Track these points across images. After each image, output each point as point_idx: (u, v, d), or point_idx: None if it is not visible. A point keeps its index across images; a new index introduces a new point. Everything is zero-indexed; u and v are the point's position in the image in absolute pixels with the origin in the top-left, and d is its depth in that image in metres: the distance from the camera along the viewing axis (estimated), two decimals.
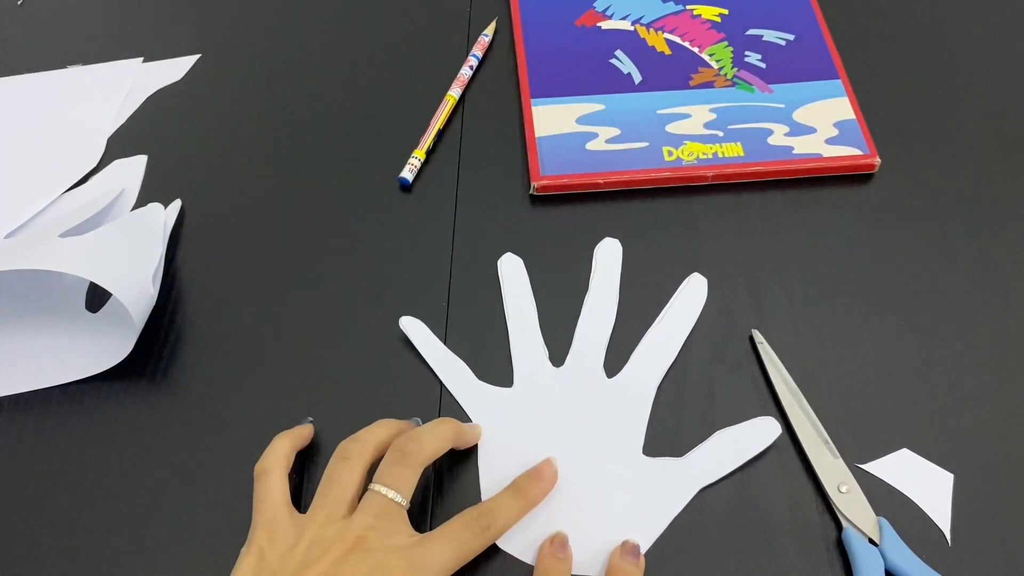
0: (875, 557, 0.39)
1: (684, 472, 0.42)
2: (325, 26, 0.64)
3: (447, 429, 0.41)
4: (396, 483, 0.38)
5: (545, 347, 0.47)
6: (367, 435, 0.40)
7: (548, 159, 0.53)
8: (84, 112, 0.60)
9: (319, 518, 0.37)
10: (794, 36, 0.60)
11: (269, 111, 0.59)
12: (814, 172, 0.53)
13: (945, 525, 0.41)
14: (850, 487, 0.41)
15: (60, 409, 0.46)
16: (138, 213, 0.52)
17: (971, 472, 0.42)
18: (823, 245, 0.51)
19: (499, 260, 0.50)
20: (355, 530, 0.36)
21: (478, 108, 0.58)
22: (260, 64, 0.62)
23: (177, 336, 0.48)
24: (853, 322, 0.48)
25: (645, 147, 0.54)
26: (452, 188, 0.54)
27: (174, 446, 0.45)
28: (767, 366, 0.45)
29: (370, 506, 0.37)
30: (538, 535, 0.40)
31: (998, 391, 0.45)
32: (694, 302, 0.48)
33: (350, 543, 0.36)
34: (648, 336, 0.47)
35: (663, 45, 0.60)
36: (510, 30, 0.62)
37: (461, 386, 0.45)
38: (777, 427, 0.43)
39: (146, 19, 0.67)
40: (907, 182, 0.53)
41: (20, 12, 0.68)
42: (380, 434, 0.41)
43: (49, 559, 0.41)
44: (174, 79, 0.62)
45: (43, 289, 0.50)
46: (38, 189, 0.55)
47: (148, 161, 0.57)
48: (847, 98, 0.56)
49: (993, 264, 0.50)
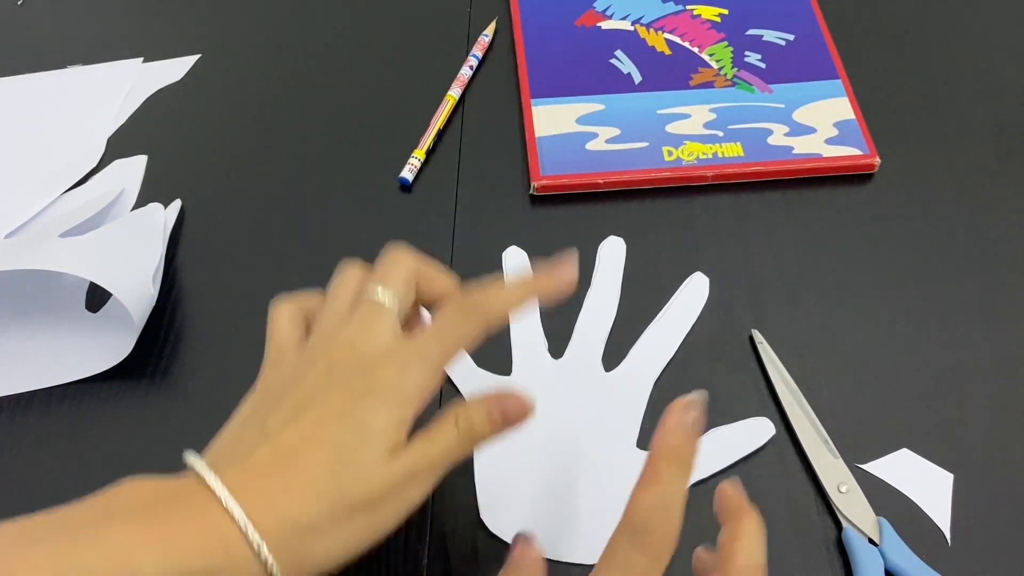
0: (875, 557, 0.39)
1: None
2: (325, 26, 0.64)
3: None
4: (388, 284, 0.35)
5: (545, 339, 0.47)
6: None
7: (548, 159, 0.53)
8: (84, 112, 0.60)
9: (316, 335, 0.35)
10: (794, 36, 0.60)
11: (269, 111, 0.59)
12: (814, 172, 0.53)
13: (945, 525, 0.41)
14: (850, 487, 0.41)
15: (60, 409, 0.46)
16: (138, 213, 0.52)
17: (971, 472, 0.42)
18: (823, 245, 0.51)
19: (504, 252, 0.51)
20: (344, 332, 0.34)
21: (478, 108, 0.58)
22: (260, 64, 0.62)
23: (177, 336, 0.48)
24: (853, 322, 0.48)
25: (645, 147, 0.54)
26: (452, 188, 0.54)
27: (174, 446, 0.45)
28: (767, 366, 0.45)
29: (361, 309, 0.35)
30: (530, 521, 0.41)
31: (998, 391, 0.45)
32: (695, 301, 0.48)
33: (336, 343, 0.34)
34: (647, 332, 0.47)
35: (663, 45, 0.60)
36: (510, 30, 0.62)
37: (460, 372, 0.46)
38: (771, 427, 0.43)
39: (146, 19, 0.67)
40: (907, 182, 0.53)
41: (20, 12, 0.68)
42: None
43: None
44: (174, 79, 0.62)
45: (43, 289, 0.50)
46: (38, 189, 0.55)
47: (148, 161, 0.57)
48: (847, 98, 0.56)
49: (993, 264, 0.50)
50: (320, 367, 0.33)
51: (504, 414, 0.34)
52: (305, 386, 0.33)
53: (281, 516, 0.30)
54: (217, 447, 0.33)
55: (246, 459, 0.31)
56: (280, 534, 0.29)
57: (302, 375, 0.33)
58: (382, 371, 0.33)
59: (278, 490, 0.30)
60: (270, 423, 0.32)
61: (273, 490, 0.30)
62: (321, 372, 0.33)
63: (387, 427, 0.32)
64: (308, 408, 0.32)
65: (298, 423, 0.32)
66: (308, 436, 0.31)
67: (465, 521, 0.41)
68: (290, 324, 0.36)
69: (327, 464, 0.31)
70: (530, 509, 0.41)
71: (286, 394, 0.33)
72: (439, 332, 0.34)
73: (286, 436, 0.31)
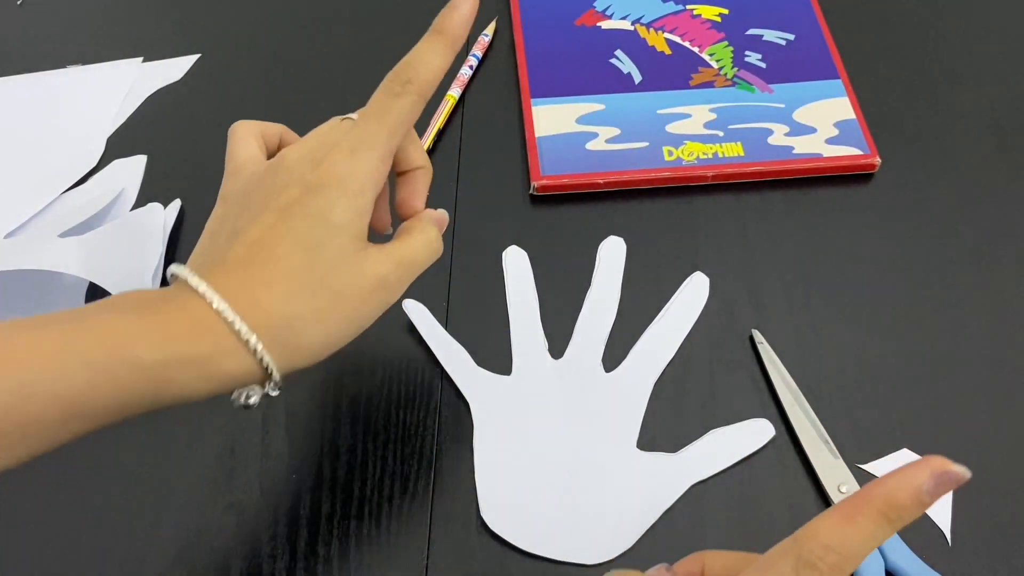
0: (875, 557, 0.39)
1: (676, 468, 0.43)
2: (324, 26, 0.64)
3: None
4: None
5: (545, 339, 0.47)
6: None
7: (548, 159, 0.53)
8: (84, 112, 0.60)
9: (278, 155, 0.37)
10: (794, 36, 0.60)
11: (269, 111, 0.59)
12: (814, 172, 0.53)
13: (945, 525, 0.41)
14: (850, 487, 0.41)
15: None
16: (138, 213, 0.52)
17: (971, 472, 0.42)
18: (823, 245, 0.51)
19: (504, 252, 0.51)
20: (300, 143, 0.36)
21: (478, 108, 0.58)
22: (260, 64, 0.62)
23: None
24: (853, 322, 0.48)
25: (645, 147, 0.54)
26: (452, 188, 0.54)
27: (173, 445, 0.45)
28: (767, 366, 0.45)
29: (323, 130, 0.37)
30: (530, 520, 0.41)
31: (998, 391, 0.45)
32: (695, 301, 0.48)
33: (289, 149, 0.36)
34: (648, 333, 0.47)
35: (663, 45, 0.60)
36: (510, 30, 0.62)
37: (461, 371, 0.46)
38: (771, 429, 0.43)
39: (146, 19, 0.67)
40: (907, 182, 0.53)
41: (20, 12, 0.68)
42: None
43: (49, 559, 0.41)
44: (174, 79, 0.62)
45: (43, 289, 0.50)
46: (38, 189, 0.55)
47: (148, 161, 0.57)
48: (847, 98, 0.56)
49: (993, 264, 0.50)
50: (276, 169, 0.35)
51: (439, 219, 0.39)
52: (263, 188, 0.34)
53: (266, 309, 0.31)
54: (194, 257, 0.35)
55: (223, 261, 0.33)
56: (268, 327, 0.31)
57: (259, 180, 0.35)
58: (330, 163, 0.34)
59: (259, 285, 0.32)
60: (239, 225, 0.33)
61: (255, 285, 0.32)
62: (277, 173, 0.35)
63: (347, 217, 0.33)
64: (268, 207, 0.33)
65: (264, 220, 0.33)
66: (275, 231, 0.33)
67: (465, 521, 0.41)
68: (248, 140, 0.39)
69: (301, 256, 0.32)
70: (530, 509, 0.41)
71: (248, 199, 0.34)
72: (377, 114, 0.35)
73: (254, 232, 0.33)
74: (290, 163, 0.35)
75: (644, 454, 0.43)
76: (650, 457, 0.43)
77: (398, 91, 0.36)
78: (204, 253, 0.34)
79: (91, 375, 0.28)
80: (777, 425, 0.44)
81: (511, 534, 0.41)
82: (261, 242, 0.33)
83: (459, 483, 0.42)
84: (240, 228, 0.33)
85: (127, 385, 0.29)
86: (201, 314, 0.31)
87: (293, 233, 0.33)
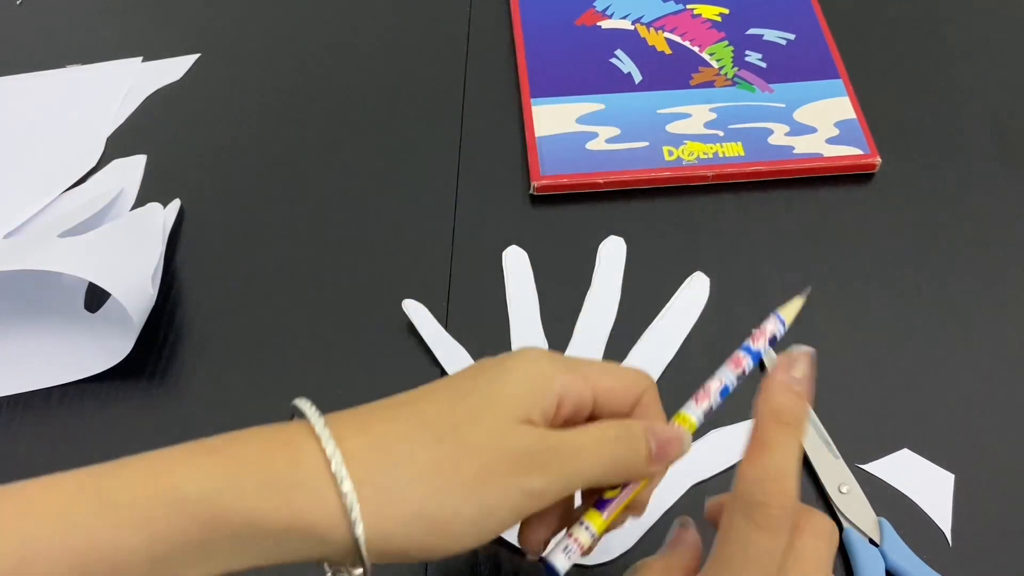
0: (875, 557, 0.39)
1: (676, 468, 0.42)
2: (324, 26, 0.64)
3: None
4: None
5: (545, 339, 0.47)
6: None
7: (548, 159, 0.53)
8: (83, 112, 0.60)
9: None
10: (794, 36, 0.60)
11: (269, 111, 0.59)
12: (814, 172, 0.53)
13: (945, 525, 0.41)
14: (850, 487, 0.41)
15: (60, 409, 0.46)
16: (137, 213, 0.52)
17: (971, 472, 0.42)
18: (823, 245, 0.51)
19: (504, 252, 0.51)
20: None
21: (478, 108, 0.58)
22: (260, 64, 0.62)
23: (177, 336, 0.48)
24: (853, 321, 0.47)
25: (645, 147, 0.54)
26: (452, 188, 0.54)
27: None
28: (767, 366, 0.45)
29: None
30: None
31: (998, 391, 0.45)
32: (695, 301, 0.48)
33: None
34: (648, 333, 0.47)
35: (663, 45, 0.60)
36: (510, 30, 0.62)
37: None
38: None
39: (146, 19, 0.67)
40: (907, 182, 0.53)
41: (20, 12, 0.68)
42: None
43: None
44: (174, 79, 0.62)
45: (43, 289, 0.50)
46: (37, 189, 0.55)
47: (147, 161, 0.57)
48: (847, 98, 0.56)
49: (993, 264, 0.50)
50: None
51: (659, 448, 0.31)
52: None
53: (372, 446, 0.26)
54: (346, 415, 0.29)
55: (362, 412, 0.28)
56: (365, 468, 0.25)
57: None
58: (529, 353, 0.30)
59: (378, 420, 0.27)
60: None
61: (374, 420, 0.27)
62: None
63: (522, 390, 0.28)
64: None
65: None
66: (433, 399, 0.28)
67: None
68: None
69: (447, 402, 0.28)
70: None
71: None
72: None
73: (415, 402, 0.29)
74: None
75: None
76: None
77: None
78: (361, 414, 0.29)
79: (115, 518, 0.23)
80: None
81: (511, 534, 0.41)
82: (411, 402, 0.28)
83: None
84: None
85: (164, 528, 0.23)
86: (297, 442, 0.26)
87: (450, 394, 0.29)
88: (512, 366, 0.29)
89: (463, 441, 0.26)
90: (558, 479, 0.28)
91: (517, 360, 0.29)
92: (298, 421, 0.28)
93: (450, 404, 0.28)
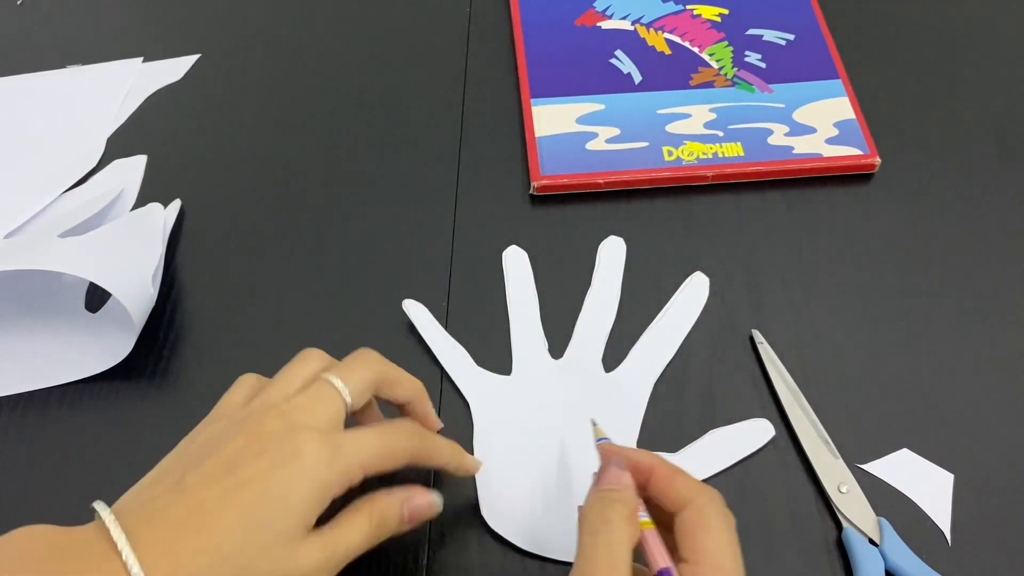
0: (875, 557, 0.39)
1: None
2: (324, 26, 0.64)
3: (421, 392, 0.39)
4: (346, 376, 0.36)
5: (545, 339, 0.47)
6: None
7: (548, 159, 0.53)
8: (84, 112, 0.60)
9: (255, 402, 0.35)
10: (794, 36, 0.60)
11: (269, 111, 0.59)
12: (814, 172, 0.53)
13: (945, 525, 0.41)
14: (850, 487, 0.41)
15: (60, 409, 0.46)
16: (138, 213, 0.52)
17: (971, 472, 0.42)
18: (823, 245, 0.51)
19: (504, 252, 0.51)
20: (283, 406, 0.34)
21: (478, 108, 0.58)
22: (260, 64, 0.62)
23: (177, 336, 0.48)
24: (853, 322, 0.48)
25: (645, 147, 0.54)
26: (452, 188, 0.54)
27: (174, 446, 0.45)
28: (767, 366, 0.45)
29: (308, 390, 0.35)
30: (530, 520, 0.41)
31: (998, 391, 0.45)
32: (695, 301, 0.48)
33: (272, 416, 0.33)
34: (647, 333, 0.47)
35: (663, 45, 0.60)
36: (510, 30, 0.62)
37: (461, 371, 0.46)
38: (771, 429, 0.43)
39: (146, 19, 0.67)
40: (907, 182, 0.53)
41: (20, 12, 0.68)
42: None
43: None
44: (174, 79, 0.62)
45: (43, 289, 0.50)
46: (38, 189, 0.55)
47: (148, 161, 0.57)
48: (847, 98, 0.56)
49: (993, 264, 0.50)
50: (251, 428, 0.33)
51: (412, 513, 0.36)
52: (232, 447, 0.32)
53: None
54: (129, 497, 0.32)
55: (157, 513, 0.30)
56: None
57: (231, 435, 0.33)
58: (312, 446, 0.32)
59: (186, 551, 0.29)
60: (188, 479, 0.31)
61: (181, 550, 0.29)
62: (251, 434, 0.32)
63: (306, 503, 0.31)
64: (231, 471, 0.31)
65: (219, 483, 0.31)
66: (225, 499, 0.30)
67: (465, 521, 0.41)
68: (241, 389, 0.37)
69: (240, 532, 0.30)
70: (531, 508, 0.41)
71: (212, 451, 0.32)
72: (382, 433, 0.35)
73: (203, 495, 0.30)
74: (269, 427, 0.33)
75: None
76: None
77: (413, 437, 0.36)
78: (142, 497, 0.31)
79: None
80: (777, 425, 0.44)
81: (511, 534, 0.41)
82: (207, 509, 0.30)
83: (459, 483, 0.42)
84: (190, 485, 0.31)
85: None
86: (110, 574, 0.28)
87: (244, 505, 0.30)
88: (293, 475, 0.32)
89: (257, 572, 0.30)
90: (335, 570, 0.33)
91: (296, 468, 0.32)
92: (96, 527, 0.30)
93: (242, 527, 0.30)
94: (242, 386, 0.37)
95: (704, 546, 0.30)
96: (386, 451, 0.35)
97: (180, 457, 0.33)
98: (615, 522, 0.31)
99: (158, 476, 0.32)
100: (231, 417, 0.34)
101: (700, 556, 0.30)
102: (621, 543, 0.30)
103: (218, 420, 0.35)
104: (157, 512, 0.30)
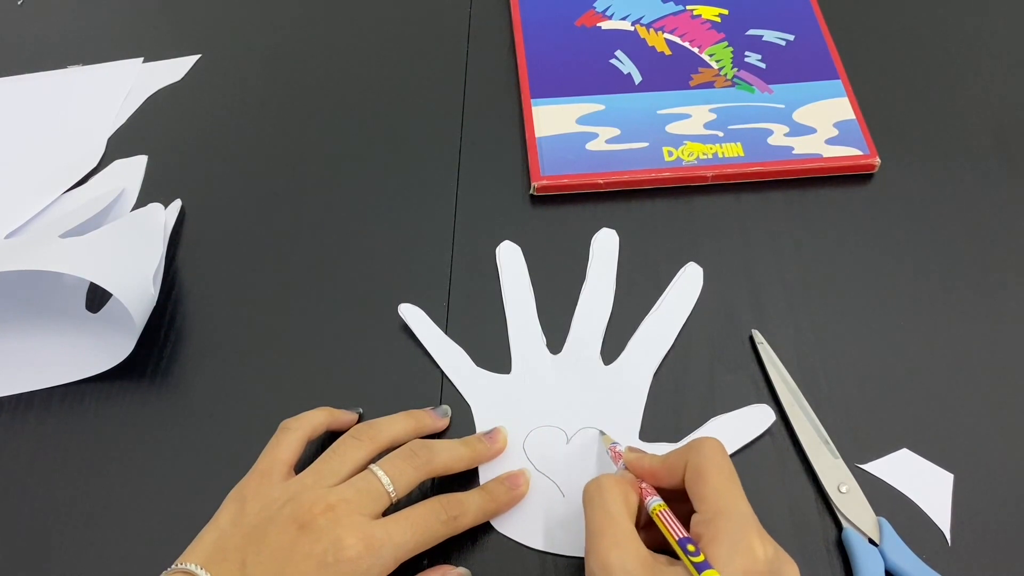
0: (875, 557, 0.39)
1: None
2: (324, 27, 0.64)
3: (464, 453, 0.41)
4: (394, 474, 0.38)
5: (543, 335, 0.47)
6: (385, 425, 0.41)
7: (548, 159, 0.53)
8: (84, 112, 0.60)
9: (308, 481, 0.37)
10: (794, 36, 0.60)
11: (269, 111, 0.59)
12: (814, 172, 0.53)
13: (945, 525, 0.41)
14: (850, 487, 0.41)
15: (60, 409, 0.46)
16: (138, 213, 0.52)
17: (971, 472, 0.42)
18: (823, 245, 0.51)
19: (498, 248, 0.51)
20: (332, 498, 0.36)
21: (478, 108, 0.58)
22: (260, 64, 0.62)
23: (177, 336, 0.48)
24: (853, 322, 0.48)
25: (645, 147, 0.54)
26: (452, 188, 0.54)
27: (174, 446, 0.45)
28: (767, 366, 0.45)
29: (357, 481, 0.37)
30: (533, 516, 0.41)
31: (998, 391, 0.45)
32: (690, 290, 0.49)
33: (320, 509, 0.36)
34: (644, 324, 0.47)
35: (663, 45, 0.60)
36: (510, 30, 0.62)
37: (460, 372, 0.46)
38: (771, 414, 0.44)
39: (146, 19, 0.67)
40: (907, 182, 0.53)
41: (20, 12, 0.68)
42: (397, 429, 0.41)
43: (50, 559, 0.41)
44: (174, 79, 0.62)
45: (43, 289, 0.50)
46: (38, 189, 0.55)
47: (148, 161, 0.57)
48: (847, 98, 0.56)
49: (993, 264, 0.50)
50: (303, 521, 0.35)
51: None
52: (286, 539, 0.35)
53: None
54: (202, 548, 0.36)
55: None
56: None
57: (284, 525, 0.35)
58: (354, 551, 0.35)
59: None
60: (250, 570, 0.34)
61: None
62: (303, 529, 0.35)
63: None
64: (283, 568, 0.34)
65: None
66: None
67: None
68: (291, 447, 0.39)
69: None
70: (533, 504, 0.41)
71: (266, 538, 0.35)
72: (416, 528, 0.37)
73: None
74: (315, 521, 0.36)
75: (647, 445, 0.43)
76: (653, 448, 0.43)
77: (444, 520, 0.38)
78: (212, 568, 0.35)
79: None
80: (777, 425, 0.44)
81: (513, 530, 0.41)
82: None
83: (460, 484, 0.42)
84: (251, 573, 0.35)
85: None
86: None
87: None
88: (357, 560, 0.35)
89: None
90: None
91: (338, 570, 0.35)
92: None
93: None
94: (285, 447, 0.39)
95: (704, 495, 0.34)
96: (421, 545, 0.37)
97: (238, 527, 0.36)
98: (605, 485, 0.35)
99: (220, 549, 0.35)
100: (281, 500, 0.37)
101: (703, 505, 0.34)
102: (615, 500, 0.34)
103: (267, 478, 0.38)
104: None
